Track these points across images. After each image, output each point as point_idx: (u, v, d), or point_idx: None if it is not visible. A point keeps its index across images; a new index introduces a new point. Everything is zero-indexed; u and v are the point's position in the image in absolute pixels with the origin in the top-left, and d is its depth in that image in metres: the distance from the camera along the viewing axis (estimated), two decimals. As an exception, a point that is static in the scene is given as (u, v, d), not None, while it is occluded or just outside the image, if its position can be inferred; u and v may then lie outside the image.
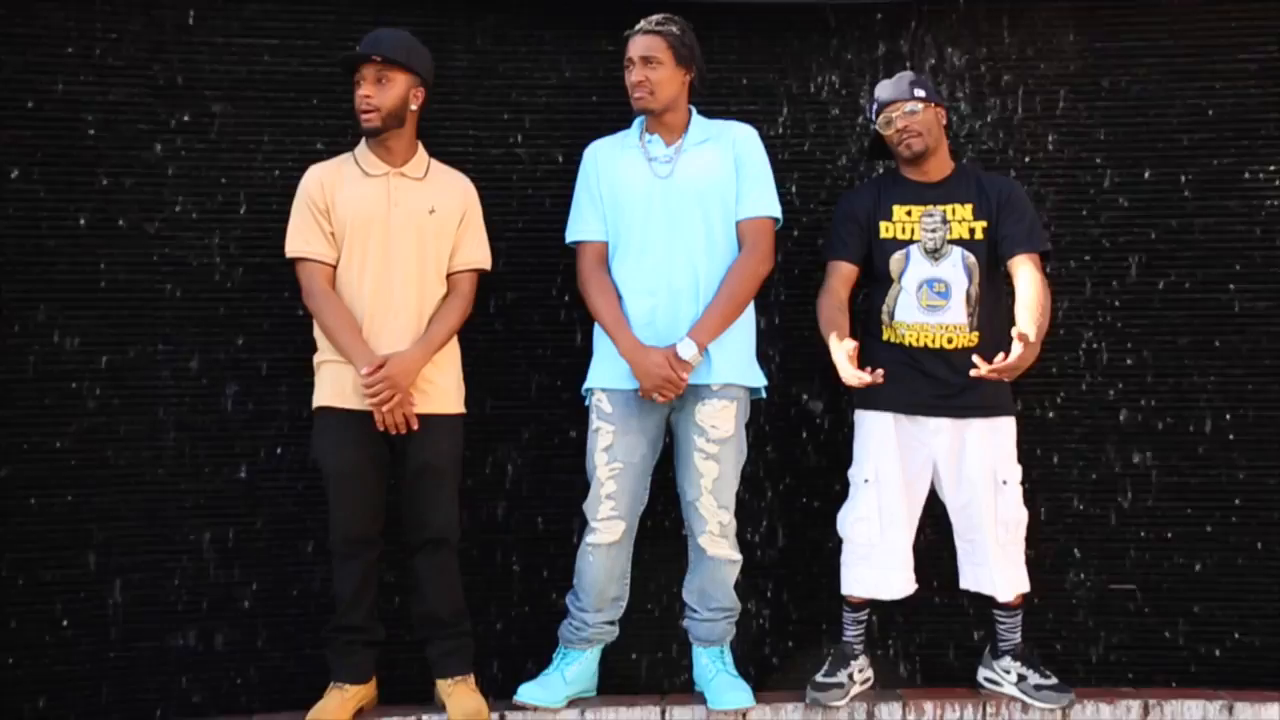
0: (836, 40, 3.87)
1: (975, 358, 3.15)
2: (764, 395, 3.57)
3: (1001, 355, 3.14)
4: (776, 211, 3.49)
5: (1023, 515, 3.47)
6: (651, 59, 3.40)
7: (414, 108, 3.42)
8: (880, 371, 3.20)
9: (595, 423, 3.47)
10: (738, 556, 3.51)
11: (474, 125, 3.83)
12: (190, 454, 3.69)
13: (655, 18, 3.44)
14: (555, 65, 3.86)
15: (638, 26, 3.44)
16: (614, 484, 3.42)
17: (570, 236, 3.54)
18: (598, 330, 3.51)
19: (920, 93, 3.45)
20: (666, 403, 3.39)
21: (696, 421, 3.43)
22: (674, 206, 3.43)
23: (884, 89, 3.50)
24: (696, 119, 3.53)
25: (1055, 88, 3.87)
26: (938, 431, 3.45)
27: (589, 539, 3.48)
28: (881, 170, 3.78)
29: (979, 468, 3.43)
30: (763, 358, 3.64)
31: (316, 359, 3.44)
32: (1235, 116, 3.85)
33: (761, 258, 3.45)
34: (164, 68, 3.67)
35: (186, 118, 3.69)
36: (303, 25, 3.75)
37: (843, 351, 3.25)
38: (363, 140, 3.44)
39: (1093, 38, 3.86)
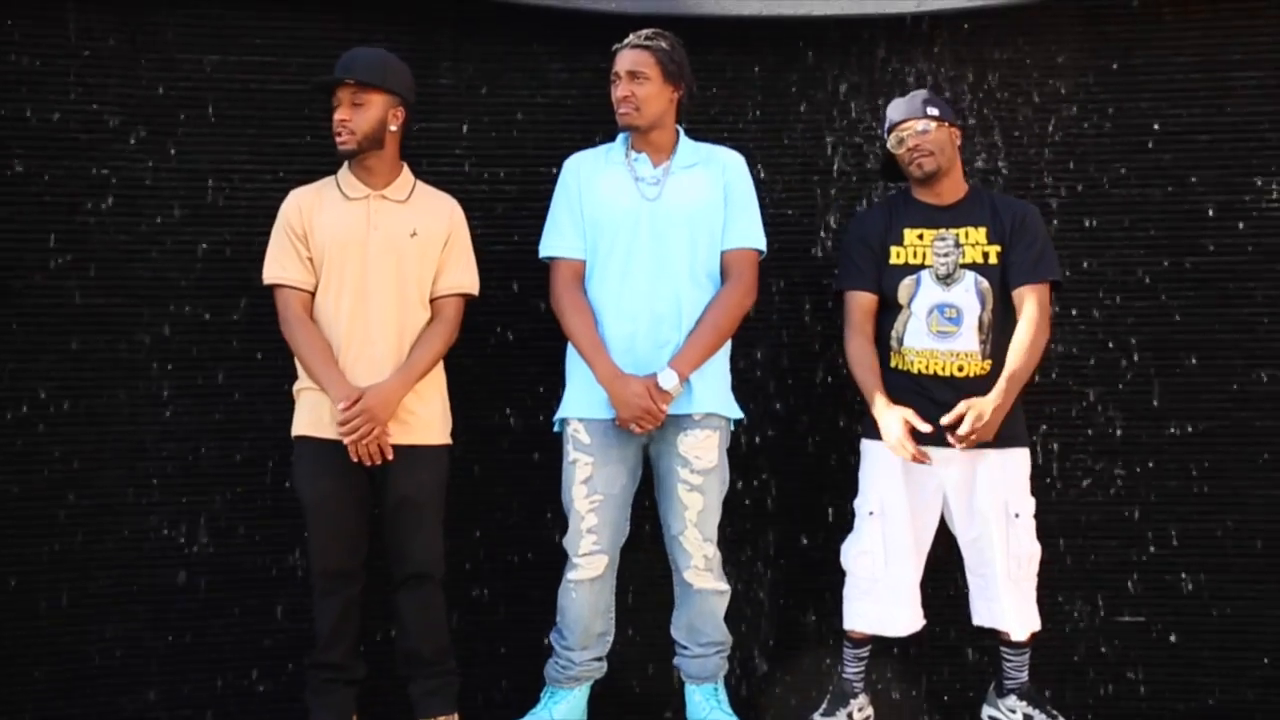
0: (844, 57, 3.84)
1: (949, 436, 3.18)
2: (734, 427, 3.49)
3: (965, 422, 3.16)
4: (762, 244, 3.43)
5: (1035, 550, 3.36)
6: (638, 74, 3.32)
7: (393, 129, 3.34)
8: (930, 456, 3.21)
9: (572, 454, 3.36)
10: (725, 587, 3.42)
11: (460, 145, 3.78)
12: (162, 485, 3.62)
13: (645, 32, 3.37)
14: (544, 82, 3.81)
15: (626, 40, 3.37)
16: (595, 517, 3.32)
17: (545, 251, 3.43)
18: (571, 355, 3.40)
19: (933, 111, 3.38)
20: (644, 433, 3.30)
21: (679, 452, 3.34)
22: (662, 230, 3.34)
23: (896, 107, 3.43)
24: (684, 140, 3.46)
25: (1062, 104, 3.83)
26: (948, 462, 3.34)
27: (571, 575, 3.37)
28: (893, 191, 3.69)
29: (990, 500, 3.33)
30: (755, 382, 3.61)
31: (296, 386, 3.36)
32: (1246, 131, 3.81)
33: (746, 290, 3.38)
34: (141, 84, 3.62)
35: (159, 134, 3.63)
36: (282, 42, 3.70)
37: (899, 423, 3.21)
38: (346, 163, 3.37)
39: (1101, 54, 3.83)
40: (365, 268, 3.28)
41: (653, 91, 3.33)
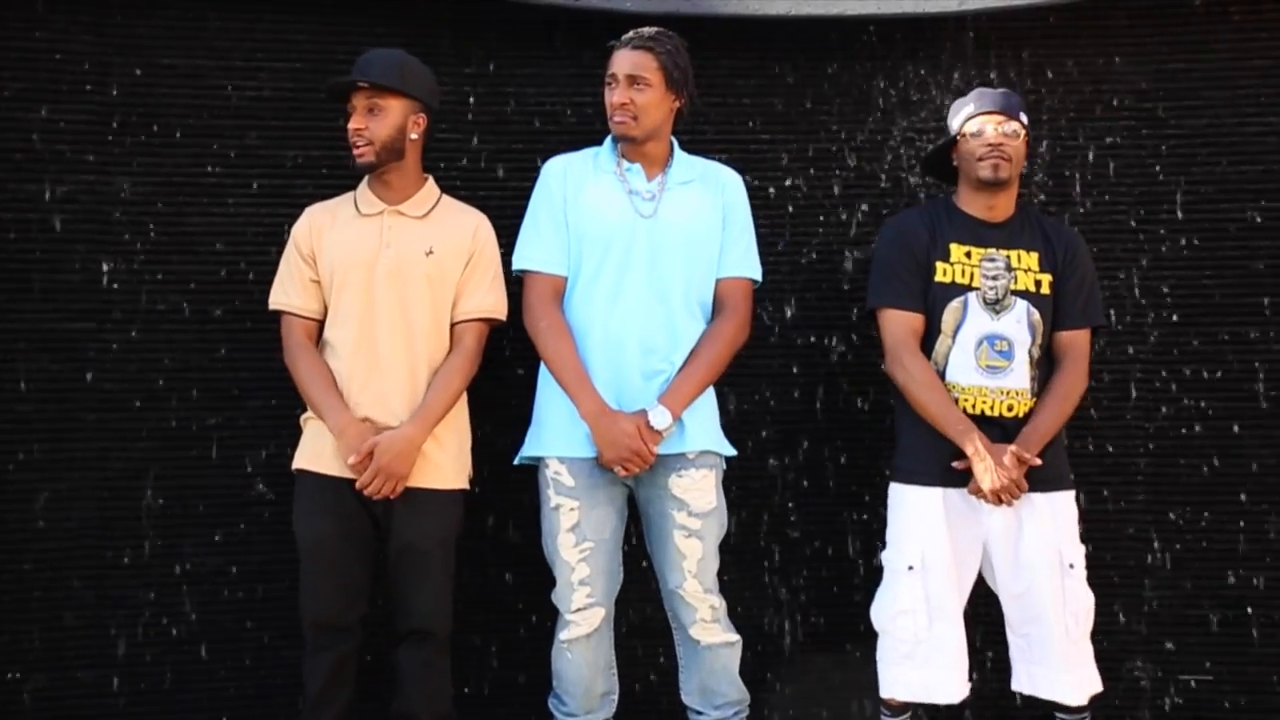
0: (878, 60, 3.69)
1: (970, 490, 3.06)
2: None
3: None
4: (759, 274, 3.24)
5: (1091, 602, 3.14)
6: (639, 79, 3.07)
7: (414, 137, 3.14)
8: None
9: (553, 499, 3.10)
10: (735, 637, 3.19)
11: (464, 154, 3.61)
12: (158, 524, 3.47)
13: (646, 31, 3.12)
14: (556, 87, 3.64)
15: (625, 38, 3.12)
16: (586, 567, 3.07)
17: (521, 264, 3.17)
18: (546, 385, 3.15)
19: (1025, 118, 3.20)
20: (628, 476, 3.07)
21: (675, 495, 3.10)
22: (658, 251, 3.11)
23: (988, 97, 3.20)
24: (679, 153, 3.23)
25: (1118, 112, 3.68)
26: (992, 510, 3.11)
27: (564, 635, 3.12)
28: (924, 197, 3.54)
29: (1039, 551, 3.09)
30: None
31: (304, 415, 3.17)
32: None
33: (742, 323, 3.18)
34: (116, 91, 3.47)
35: (140, 145, 3.48)
36: (269, 45, 3.54)
37: (1015, 464, 3.02)
38: (365, 177, 3.19)
39: (1161, 57, 3.67)
40: (373, 290, 3.09)
41: (653, 100, 3.09)
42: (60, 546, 3.41)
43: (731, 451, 3.20)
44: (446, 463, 3.14)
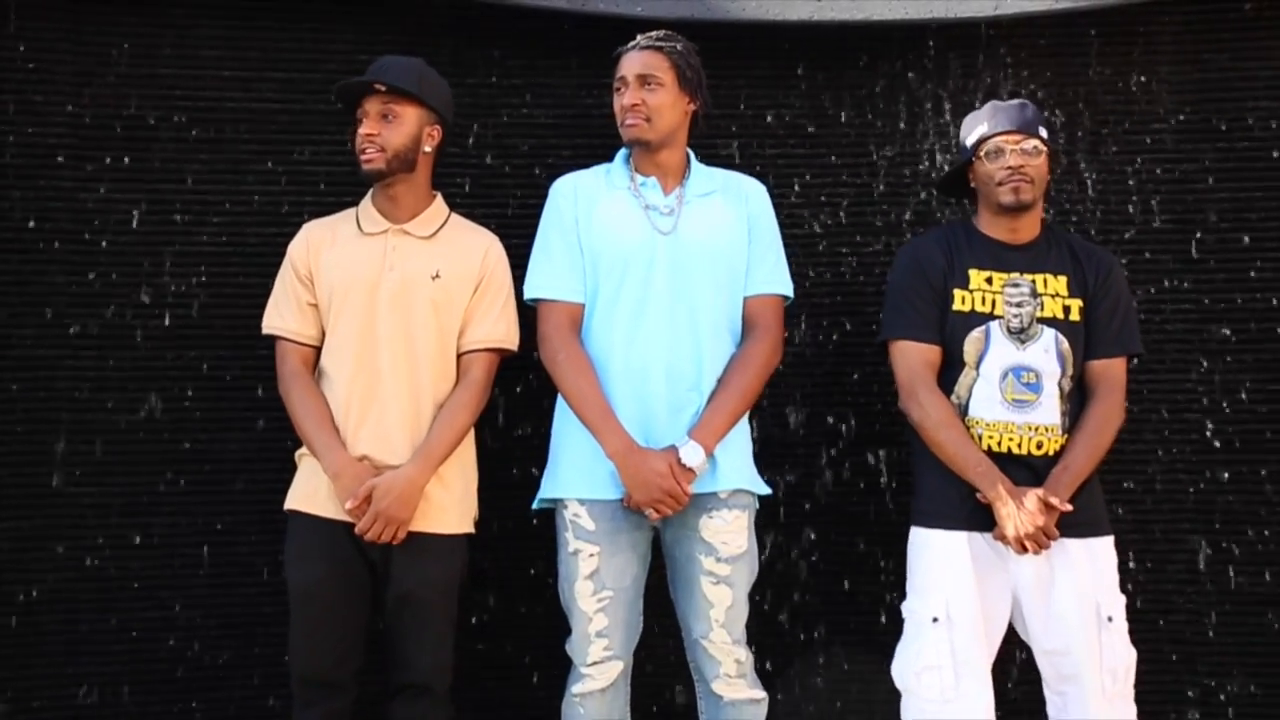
0: (906, 68, 3.57)
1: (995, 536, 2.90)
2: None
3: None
4: (790, 290, 3.08)
5: (1132, 658, 2.95)
6: (650, 79, 2.93)
7: (428, 150, 3.01)
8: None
9: (572, 543, 2.93)
10: (761, 694, 2.99)
11: (464, 170, 3.49)
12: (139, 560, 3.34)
13: (655, 33, 3.00)
14: (558, 99, 3.54)
15: (633, 42, 3.00)
16: (604, 618, 2.90)
17: (534, 292, 3.01)
18: (564, 421, 2.98)
19: (1044, 133, 3.02)
20: (660, 519, 2.90)
21: (703, 538, 2.91)
22: (679, 269, 2.94)
23: (1002, 114, 3.03)
24: (696, 164, 3.08)
25: (1162, 123, 3.55)
26: (1017, 557, 2.94)
27: (577, 688, 2.94)
28: (943, 219, 3.44)
29: (1075, 602, 2.91)
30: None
31: (299, 451, 3.02)
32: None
33: (775, 345, 3.01)
34: (91, 104, 3.38)
35: (116, 161, 3.39)
36: (250, 55, 3.45)
37: (1039, 511, 2.86)
38: (369, 192, 3.05)
39: (1208, 63, 3.55)
40: (374, 316, 2.93)
41: (667, 100, 2.94)
42: (40, 587, 3.31)
43: (766, 490, 3.03)
44: (451, 505, 2.97)
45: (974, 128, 3.07)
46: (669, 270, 2.93)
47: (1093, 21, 3.49)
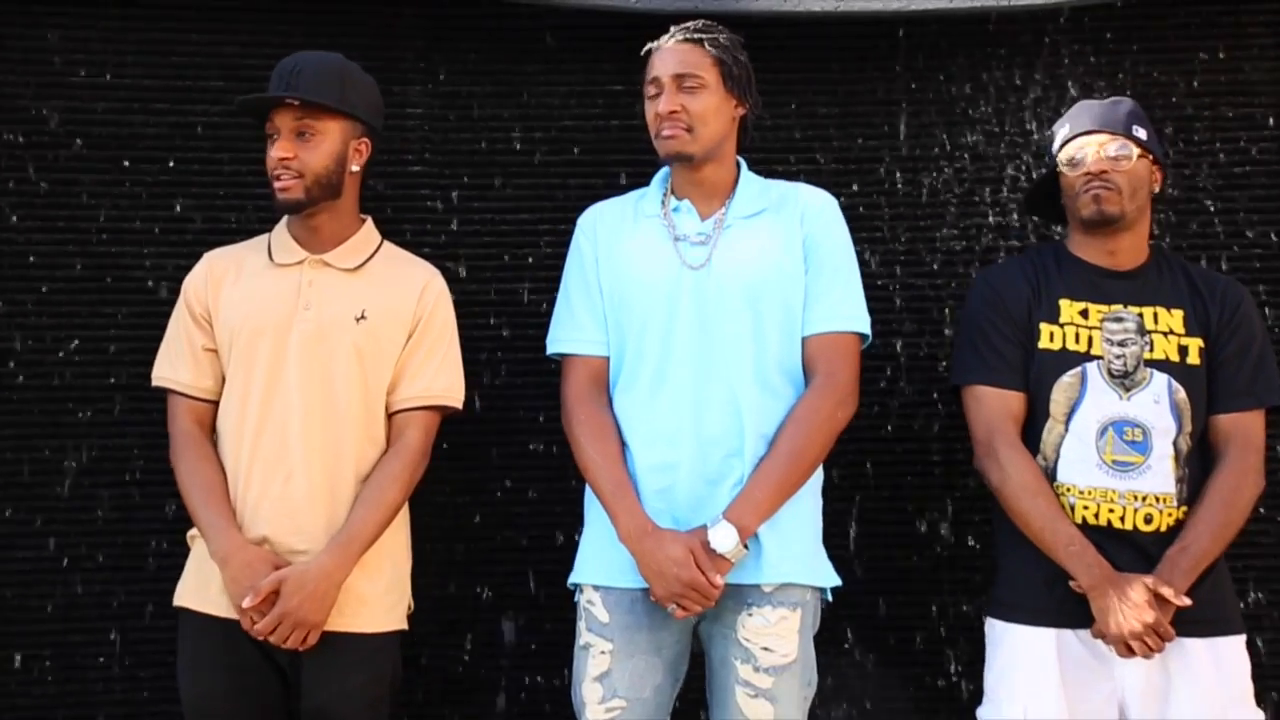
0: (947, 62, 3.30)
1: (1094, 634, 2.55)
2: (830, 598, 2.72)
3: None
4: (866, 326, 2.68)
5: None
6: (690, 78, 2.57)
7: (355, 168, 2.64)
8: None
9: (583, 635, 2.58)
10: None
11: (434, 190, 3.22)
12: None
13: (693, 24, 2.65)
14: (546, 106, 3.28)
15: (667, 35, 2.65)
16: None
17: (554, 347, 2.72)
18: (589, 494, 2.64)
19: (1141, 133, 2.73)
20: (689, 617, 2.49)
21: (740, 640, 2.49)
22: (709, 309, 2.58)
23: (1083, 112, 2.79)
24: (747, 176, 2.70)
25: (1253, 129, 3.28)
26: (1128, 660, 2.58)
27: None
28: (1034, 242, 3.17)
29: (1197, 716, 2.56)
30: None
31: (190, 532, 2.63)
32: None
33: (842, 396, 2.59)
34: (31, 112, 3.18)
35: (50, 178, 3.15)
36: (196, 58, 3.19)
37: (1145, 604, 2.49)
38: (284, 216, 2.72)
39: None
40: (283, 365, 2.56)
41: (711, 105, 2.58)
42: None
43: (833, 581, 2.64)
44: (376, 598, 2.58)
45: (1058, 132, 2.82)
46: (695, 311, 2.56)
47: (1157, 12, 3.25)
